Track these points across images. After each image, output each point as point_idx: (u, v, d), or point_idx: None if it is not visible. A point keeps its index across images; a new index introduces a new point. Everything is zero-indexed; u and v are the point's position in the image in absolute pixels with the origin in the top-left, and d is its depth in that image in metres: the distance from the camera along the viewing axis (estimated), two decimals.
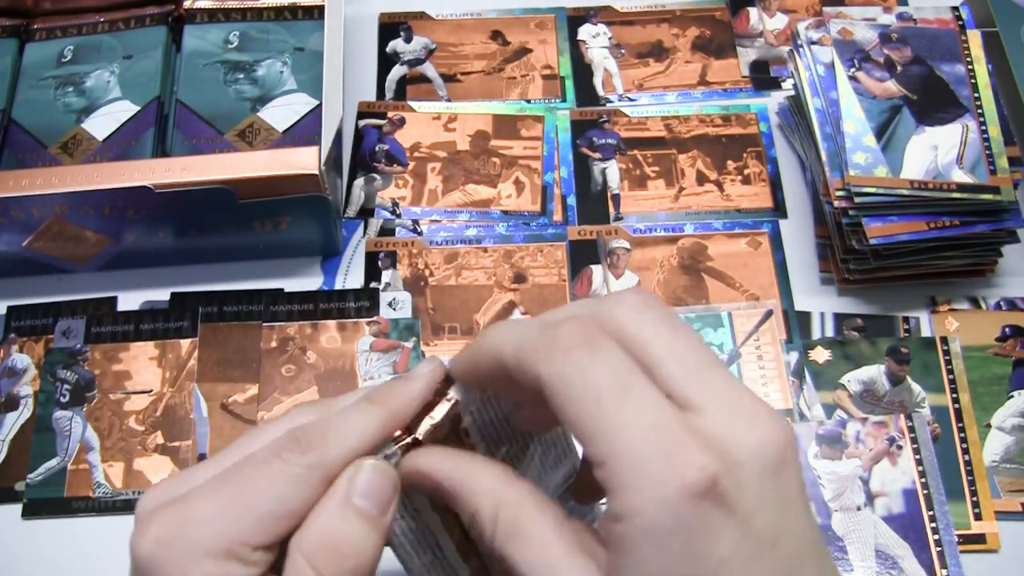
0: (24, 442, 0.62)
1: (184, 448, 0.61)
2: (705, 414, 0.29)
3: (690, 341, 0.31)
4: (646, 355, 0.30)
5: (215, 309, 0.66)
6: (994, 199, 0.61)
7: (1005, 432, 0.61)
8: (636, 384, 0.30)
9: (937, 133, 0.63)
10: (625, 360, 0.30)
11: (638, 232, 0.69)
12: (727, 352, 0.64)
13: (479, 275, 0.68)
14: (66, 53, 0.72)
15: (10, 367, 0.64)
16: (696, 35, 0.78)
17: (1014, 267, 0.68)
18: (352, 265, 0.68)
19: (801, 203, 0.71)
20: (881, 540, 0.58)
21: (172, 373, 0.64)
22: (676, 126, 0.74)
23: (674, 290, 0.67)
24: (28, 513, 0.60)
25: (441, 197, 0.71)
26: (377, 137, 0.73)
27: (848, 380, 0.63)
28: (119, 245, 0.65)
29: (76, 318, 0.65)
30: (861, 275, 0.65)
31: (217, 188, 0.60)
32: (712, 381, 0.30)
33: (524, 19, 0.79)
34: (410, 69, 0.77)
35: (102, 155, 0.68)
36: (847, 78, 0.65)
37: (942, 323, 0.65)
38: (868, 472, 0.60)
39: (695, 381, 0.30)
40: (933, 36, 0.67)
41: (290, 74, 0.71)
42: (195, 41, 0.73)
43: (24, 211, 0.61)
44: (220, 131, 0.69)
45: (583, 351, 0.30)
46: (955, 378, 0.63)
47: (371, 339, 0.65)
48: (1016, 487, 0.60)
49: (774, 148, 0.73)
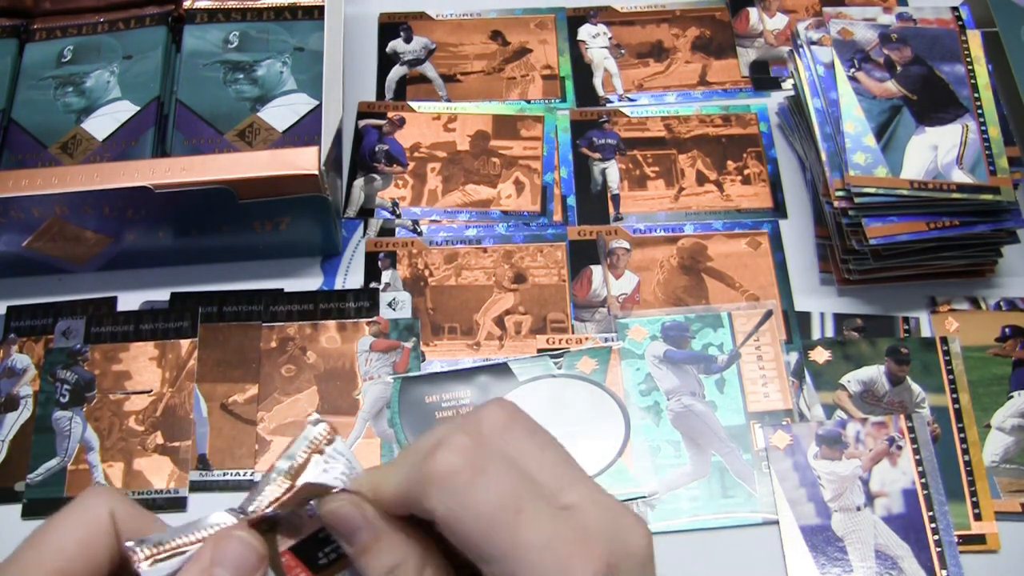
0: (24, 442, 0.62)
1: (184, 448, 0.61)
2: (585, 513, 0.32)
3: (556, 448, 0.34)
4: (522, 468, 0.32)
5: (215, 309, 0.66)
6: (994, 199, 0.61)
7: (1005, 432, 0.61)
8: (525, 503, 0.31)
9: (937, 133, 0.63)
10: (508, 477, 0.31)
11: (638, 232, 0.69)
12: (727, 352, 0.64)
13: (479, 275, 0.68)
14: (66, 53, 0.72)
15: (10, 367, 0.64)
16: (696, 35, 0.78)
17: (1014, 267, 0.68)
18: (352, 265, 0.68)
19: (801, 203, 0.71)
20: (881, 540, 0.58)
21: (172, 373, 0.64)
22: (676, 126, 0.74)
23: (674, 290, 0.67)
24: (28, 513, 0.60)
25: (441, 197, 0.71)
26: (377, 137, 0.73)
27: (848, 380, 0.63)
28: (119, 245, 0.65)
29: (76, 318, 0.65)
30: (861, 275, 0.65)
31: (217, 188, 0.60)
32: (582, 484, 0.33)
33: (524, 19, 0.79)
34: (410, 69, 0.77)
35: (102, 155, 0.68)
36: (847, 78, 0.65)
37: (942, 323, 0.65)
38: (868, 472, 0.60)
39: (568, 485, 0.32)
40: (933, 36, 0.67)
41: (290, 74, 0.71)
42: (195, 41, 0.73)
43: (24, 211, 0.61)
44: (220, 131, 0.69)
45: (467, 476, 0.31)
46: (955, 378, 0.63)
47: (371, 339, 0.65)
48: (1016, 487, 0.60)
49: (774, 148, 0.73)
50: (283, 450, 0.33)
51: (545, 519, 0.31)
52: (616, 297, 0.67)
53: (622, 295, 0.67)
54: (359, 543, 0.33)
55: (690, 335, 0.65)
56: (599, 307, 0.66)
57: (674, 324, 0.65)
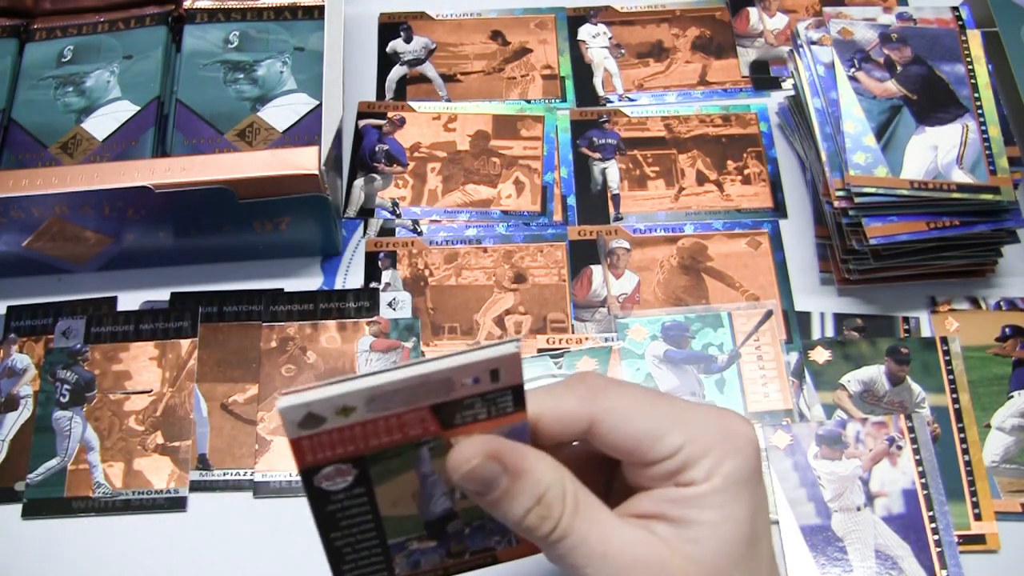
0: (24, 442, 0.62)
1: (184, 448, 0.61)
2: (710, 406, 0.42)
3: None
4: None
5: (215, 309, 0.66)
6: (994, 199, 0.61)
7: (1005, 432, 0.61)
8: (671, 397, 0.39)
9: (937, 133, 0.63)
10: (645, 387, 0.40)
11: (638, 232, 0.69)
12: (727, 352, 0.64)
13: (479, 275, 0.68)
14: (66, 53, 0.72)
15: (10, 367, 0.64)
16: (696, 35, 0.78)
17: (1014, 267, 0.68)
18: (352, 265, 0.68)
19: (801, 203, 0.71)
20: (881, 540, 0.58)
21: (172, 373, 0.64)
22: (676, 126, 0.74)
23: (674, 290, 0.67)
24: (28, 513, 0.60)
25: (441, 197, 0.71)
26: (377, 137, 0.73)
27: (848, 380, 0.63)
28: (119, 245, 0.65)
29: (76, 318, 0.65)
30: (861, 275, 0.65)
31: (217, 188, 0.60)
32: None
33: (524, 19, 0.79)
34: (410, 69, 0.77)
35: (102, 155, 0.68)
36: (847, 78, 0.65)
37: (942, 323, 0.65)
38: (868, 472, 0.60)
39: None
40: (933, 36, 0.67)
41: (290, 74, 0.71)
42: (195, 41, 0.73)
43: (24, 211, 0.61)
44: (220, 131, 0.69)
45: (616, 384, 0.38)
46: (955, 378, 0.63)
47: (371, 339, 0.65)
48: (1016, 487, 0.60)
49: (774, 148, 0.73)
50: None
51: (686, 402, 0.39)
52: (616, 297, 0.67)
53: (622, 295, 0.67)
54: (500, 488, 0.36)
55: (690, 335, 0.65)
56: (599, 307, 0.66)
57: (674, 324, 0.65)
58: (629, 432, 0.37)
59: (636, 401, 0.37)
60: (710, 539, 0.36)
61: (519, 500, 0.35)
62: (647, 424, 0.37)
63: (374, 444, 0.34)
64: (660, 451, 0.36)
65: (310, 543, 0.59)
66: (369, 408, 0.32)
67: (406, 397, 0.33)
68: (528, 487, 0.35)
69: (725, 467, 0.36)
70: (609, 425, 0.37)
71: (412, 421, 0.34)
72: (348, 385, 0.32)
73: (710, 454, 0.36)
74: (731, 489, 0.36)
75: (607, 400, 0.37)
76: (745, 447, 0.37)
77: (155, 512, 0.60)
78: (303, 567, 0.57)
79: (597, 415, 0.37)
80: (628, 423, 0.37)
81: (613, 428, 0.37)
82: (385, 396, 0.32)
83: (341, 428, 0.33)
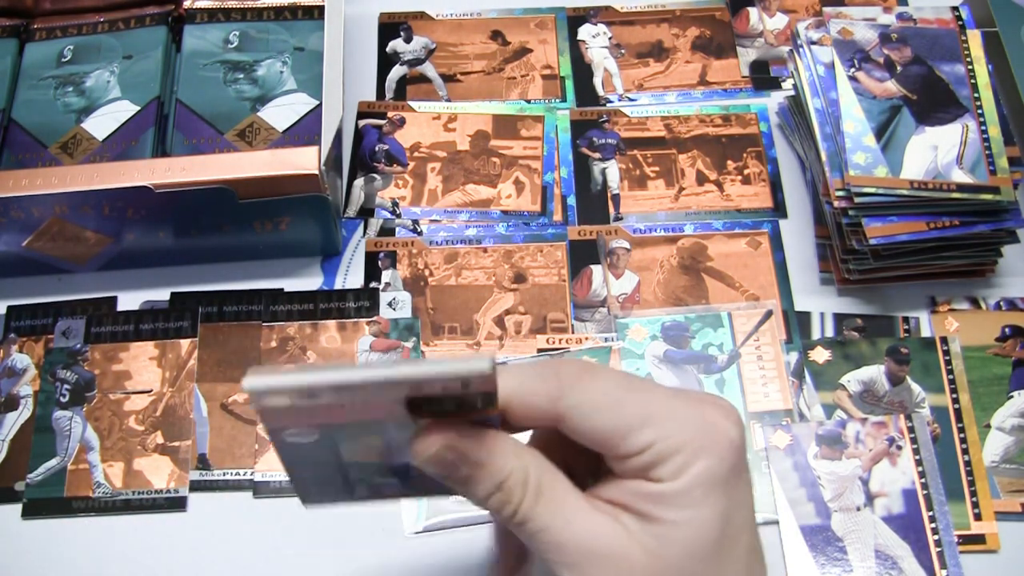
0: (24, 442, 0.62)
1: (184, 448, 0.61)
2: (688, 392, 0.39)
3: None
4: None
5: (215, 309, 0.66)
6: (994, 199, 0.61)
7: (1005, 432, 0.61)
8: (645, 383, 0.37)
9: (937, 133, 0.63)
10: (620, 372, 0.38)
11: (638, 232, 0.69)
12: (727, 352, 0.64)
13: (479, 275, 0.68)
14: (66, 53, 0.72)
15: (10, 367, 0.64)
16: (696, 35, 0.78)
17: (1014, 267, 0.68)
18: (352, 265, 0.68)
19: (801, 203, 0.71)
20: (881, 540, 0.58)
21: (172, 373, 0.64)
22: (676, 126, 0.74)
23: (674, 290, 0.67)
24: (28, 513, 0.60)
25: (441, 197, 0.71)
26: (377, 137, 0.73)
27: (848, 380, 0.63)
28: (119, 245, 0.65)
29: (76, 318, 0.65)
30: (861, 275, 0.65)
31: (217, 188, 0.60)
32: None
33: (524, 19, 0.79)
34: (410, 69, 0.77)
35: (102, 155, 0.68)
36: (847, 78, 0.65)
37: (942, 323, 0.65)
38: (868, 472, 0.60)
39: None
40: (933, 36, 0.67)
41: (290, 74, 0.71)
42: (195, 41, 0.73)
43: (24, 211, 0.61)
44: (220, 131, 0.69)
45: (590, 373, 0.37)
46: (955, 378, 0.63)
47: (371, 339, 0.65)
48: (1016, 487, 0.60)
49: (774, 148, 0.73)
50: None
51: (667, 391, 0.37)
52: (616, 297, 0.67)
53: (622, 295, 0.67)
54: (461, 474, 0.36)
55: (690, 335, 0.65)
56: (599, 307, 0.66)
57: (674, 324, 0.65)
58: (596, 427, 0.36)
59: (608, 393, 0.36)
60: (674, 537, 0.35)
61: (480, 485, 0.35)
62: (616, 420, 0.36)
63: (339, 420, 0.34)
64: (629, 447, 0.36)
65: (310, 543, 0.59)
66: (336, 396, 0.33)
67: (374, 391, 0.33)
68: (488, 475, 0.35)
69: (696, 467, 0.35)
70: (577, 420, 0.36)
71: (379, 407, 0.34)
72: (314, 376, 0.32)
73: (682, 452, 0.35)
74: (700, 489, 0.35)
75: (575, 395, 0.36)
76: (721, 445, 0.36)
77: (155, 512, 0.60)
78: (303, 567, 0.57)
79: (563, 412, 0.36)
80: (596, 417, 0.36)
81: (581, 423, 0.36)
82: (351, 389, 0.33)
83: (308, 407, 0.33)
